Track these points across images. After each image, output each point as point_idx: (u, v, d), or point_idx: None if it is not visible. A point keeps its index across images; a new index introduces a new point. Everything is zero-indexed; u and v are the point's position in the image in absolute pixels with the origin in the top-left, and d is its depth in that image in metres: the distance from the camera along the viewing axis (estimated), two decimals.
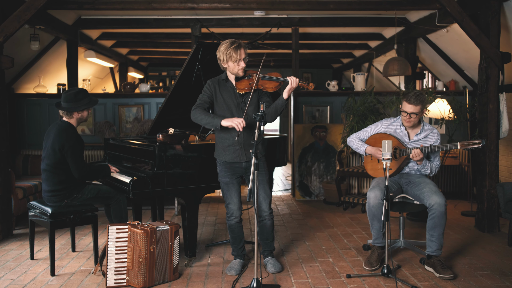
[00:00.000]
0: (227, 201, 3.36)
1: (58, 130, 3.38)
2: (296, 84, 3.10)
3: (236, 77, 3.24)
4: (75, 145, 3.36)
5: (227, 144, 3.26)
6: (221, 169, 3.34)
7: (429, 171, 3.52)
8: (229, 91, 3.26)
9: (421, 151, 3.36)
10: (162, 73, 11.37)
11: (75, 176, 3.40)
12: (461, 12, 4.33)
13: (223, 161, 3.31)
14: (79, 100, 3.43)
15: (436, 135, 3.54)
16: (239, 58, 3.14)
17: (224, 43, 3.17)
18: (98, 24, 6.24)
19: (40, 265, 3.55)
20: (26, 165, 5.67)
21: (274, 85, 3.17)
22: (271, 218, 3.39)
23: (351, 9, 5.14)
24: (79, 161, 3.38)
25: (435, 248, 3.35)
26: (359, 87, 6.69)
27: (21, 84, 6.52)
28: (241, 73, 3.19)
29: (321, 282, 3.19)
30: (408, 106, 3.43)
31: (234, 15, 6.11)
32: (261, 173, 3.27)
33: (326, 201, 5.87)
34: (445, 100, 5.31)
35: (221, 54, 3.16)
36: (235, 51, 3.11)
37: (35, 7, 4.13)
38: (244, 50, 3.17)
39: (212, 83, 3.28)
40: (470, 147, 3.28)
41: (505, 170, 5.64)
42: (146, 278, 3.03)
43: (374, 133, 3.68)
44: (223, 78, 3.29)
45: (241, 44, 3.17)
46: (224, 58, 3.16)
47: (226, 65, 3.20)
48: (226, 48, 3.13)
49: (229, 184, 3.32)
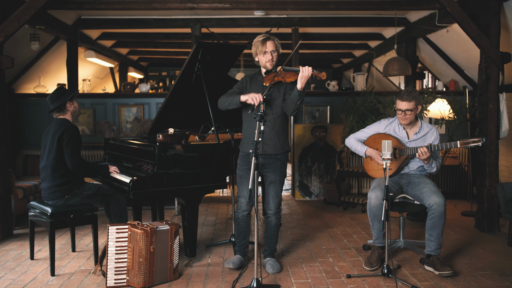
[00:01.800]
0: (238, 194, 3.42)
1: (56, 124, 3.48)
2: (308, 73, 3.10)
3: (266, 71, 3.31)
4: (73, 135, 3.43)
5: (249, 135, 3.33)
6: (239, 162, 3.43)
7: (435, 169, 3.52)
8: (257, 84, 3.36)
9: (428, 149, 3.34)
10: (162, 73, 11.38)
11: (69, 165, 3.42)
12: (461, 12, 4.33)
13: (243, 153, 3.39)
14: (62, 94, 3.53)
15: (435, 133, 3.55)
16: (266, 50, 3.24)
17: (256, 37, 3.31)
18: (98, 24, 6.24)
19: (40, 265, 3.55)
20: (26, 165, 5.67)
21: (292, 74, 3.21)
22: (277, 218, 3.40)
23: (351, 9, 5.15)
24: (75, 151, 3.43)
25: (434, 247, 3.35)
26: (359, 87, 6.69)
27: (21, 84, 6.52)
28: (269, 66, 3.28)
29: (321, 282, 3.19)
30: (401, 103, 3.47)
31: (234, 15, 6.10)
32: (275, 172, 3.33)
33: (326, 201, 5.87)
34: (445, 100, 5.31)
35: (252, 47, 3.31)
36: (262, 43, 3.24)
37: (35, 7, 4.13)
38: (273, 43, 3.26)
39: (246, 77, 3.43)
40: (470, 145, 3.28)
41: (505, 170, 5.64)
42: (146, 278, 3.03)
43: (372, 133, 3.68)
44: (256, 72, 3.43)
45: (270, 37, 3.28)
46: (254, 51, 3.30)
47: (257, 58, 3.33)
48: (255, 41, 3.28)
49: (242, 177, 3.38)
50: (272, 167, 3.33)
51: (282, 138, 3.32)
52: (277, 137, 3.29)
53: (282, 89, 3.30)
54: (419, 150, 3.34)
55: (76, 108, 3.61)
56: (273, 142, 3.30)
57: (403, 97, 3.45)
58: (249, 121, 3.34)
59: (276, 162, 3.33)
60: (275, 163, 3.33)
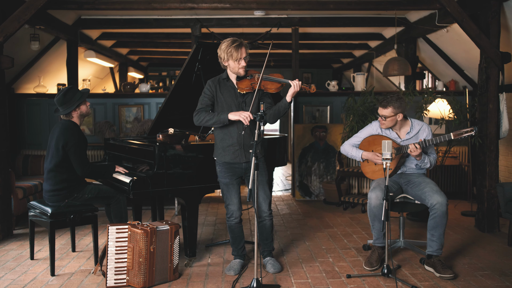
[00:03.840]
0: (227, 202, 3.35)
1: (61, 128, 3.40)
2: (298, 88, 3.08)
3: (237, 77, 3.22)
4: (79, 142, 3.38)
5: (227, 144, 3.24)
6: (220, 170, 3.31)
7: (428, 165, 3.52)
8: (229, 90, 3.24)
9: (420, 145, 3.34)
10: (162, 73, 11.37)
11: (78, 173, 3.41)
12: (461, 12, 4.33)
13: (223, 162, 3.29)
14: (69, 99, 3.41)
15: (427, 129, 3.56)
16: (240, 57, 3.12)
17: (225, 41, 3.15)
18: (98, 24, 6.24)
19: (40, 265, 3.55)
20: (26, 165, 5.67)
21: (276, 86, 3.15)
22: (271, 219, 3.39)
23: (351, 9, 5.14)
24: (83, 158, 3.40)
25: (435, 248, 3.35)
26: (359, 87, 6.69)
27: (21, 84, 6.52)
28: (242, 72, 3.17)
29: (321, 282, 3.19)
30: (379, 108, 3.54)
31: (234, 15, 6.10)
32: (261, 173, 3.25)
33: (326, 201, 5.87)
34: (445, 100, 5.31)
35: (222, 52, 3.15)
36: (236, 50, 3.10)
37: (35, 7, 4.13)
38: (246, 49, 3.15)
39: (213, 83, 3.25)
40: (463, 136, 3.29)
41: (505, 170, 5.64)
42: (146, 278, 3.03)
43: (365, 136, 3.70)
44: (224, 77, 3.27)
45: (243, 43, 3.15)
46: (225, 56, 3.14)
47: (227, 64, 3.19)
48: (227, 47, 3.11)
49: (229, 185, 3.31)
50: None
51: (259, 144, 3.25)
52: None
53: (258, 95, 3.21)
54: (410, 146, 3.35)
55: (83, 111, 3.49)
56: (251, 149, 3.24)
57: (381, 103, 3.51)
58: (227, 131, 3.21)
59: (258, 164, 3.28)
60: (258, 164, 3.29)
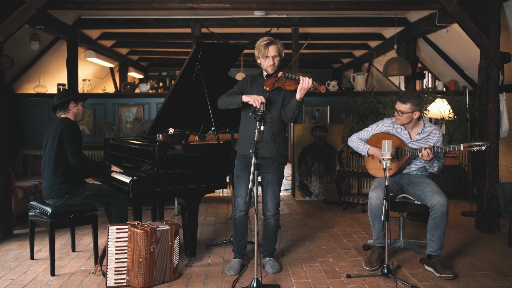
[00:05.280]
0: (235, 194, 3.40)
1: (57, 122, 3.50)
2: (307, 85, 3.08)
3: (267, 74, 3.31)
4: (73, 131, 3.44)
5: (245, 137, 3.33)
6: (237, 162, 3.42)
7: (436, 169, 3.51)
8: (258, 86, 3.35)
9: (432, 151, 3.33)
10: (162, 73, 11.38)
11: (72, 162, 3.43)
12: (461, 12, 4.33)
13: (240, 154, 3.39)
14: (69, 94, 3.58)
15: (437, 133, 3.55)
16: (267, 55, 3.22)
17: (260, 39, 3.29)
18: (98, 24, 6.24)
19: (40, 265, 3.55)
20: (26, 165, 5.67)
21: (292, 83, 3.20)
22: (276, 220, 3.39)
23: (351, 9, 5.15)
24: (76, 146, 3.44)
25: (435, 248, 3.35)
26: (359, 87, 6.69)
27: (21, 84, 6.52)
28: (270, 70, 3.27)
29: (321, 282, 3.19)
30: (397, 103, 3.54)
31: (234, 15, 6.10)
32: (272, 173, 3.32)
33: (326, 201, 5.87)
34: (445, 100, 5.31)
35: (255, 48, 3.29)
36: (265, 47, 3.21)
37: (35, 7, 4.13)
38: (276, 49, 3.24)
39: (247, 78, 3.42)
40: (474, 149, 3.26)
41: (505, 170, 5.64)
42: (146, 278, 3.03)
43: (375, 132, 3.68)
44: (257, 73, 3.42)
45: (274, 41, 3.24)
46: (257, 53, 3.29)
47: (259, 61, 3.32)
48: (258, 44, 3.26)
49: (239, 177, 3.37)
50: (270, 168, 3.32)
51: (277, 142, 3.31)
52: (272, 141, 3.28)
53: (281, 94, 3.30)
54: (423, 151, 3.34)
55: (79, 111, 3.62)
56: (268, 146, 3.29)
57: (401, 98, 3.51)
58: (247, 122, 3.34)
59: (273, 163, 3.32)
60: (273, 164, 3.32)
